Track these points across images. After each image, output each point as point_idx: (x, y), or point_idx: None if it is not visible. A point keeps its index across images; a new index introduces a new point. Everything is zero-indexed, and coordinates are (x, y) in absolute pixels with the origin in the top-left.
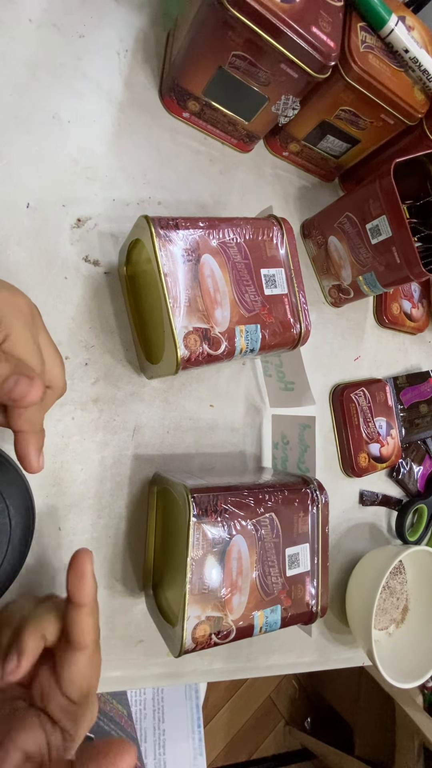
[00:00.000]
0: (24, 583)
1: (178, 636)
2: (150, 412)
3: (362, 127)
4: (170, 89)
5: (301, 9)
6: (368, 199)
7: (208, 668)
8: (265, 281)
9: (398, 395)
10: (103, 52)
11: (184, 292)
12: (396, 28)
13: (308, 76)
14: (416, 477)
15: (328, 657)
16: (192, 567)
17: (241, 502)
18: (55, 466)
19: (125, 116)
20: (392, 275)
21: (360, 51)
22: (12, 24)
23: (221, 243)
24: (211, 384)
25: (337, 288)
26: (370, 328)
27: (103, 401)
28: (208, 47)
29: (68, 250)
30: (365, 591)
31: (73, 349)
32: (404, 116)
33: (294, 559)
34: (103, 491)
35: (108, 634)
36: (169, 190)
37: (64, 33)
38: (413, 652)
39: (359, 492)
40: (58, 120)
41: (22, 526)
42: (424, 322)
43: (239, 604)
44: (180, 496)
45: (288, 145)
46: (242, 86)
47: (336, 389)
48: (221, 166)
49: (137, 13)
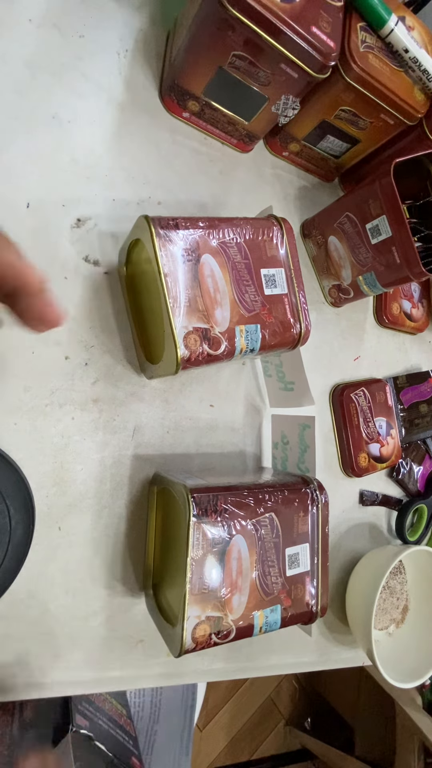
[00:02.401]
0: (24, 583)
1: (178, 636)
2: (150, 412)
3: (362, 127)
4: (170, 89)
5: (301, 9)
6: (368, 199)
7: (208, 668)
8: (265, 281)
9: (398, 395)
10: (103, 52)
11: (184, 292)
12: (396, 28)
13: (308, 76)
14: (416, 477)
15: (328, 657)
16: (192, 567)
17: (241, 502)
18: (55, 466)
19: (125, 116)
20: (392, 275)
21: (360, 51)
22: (12, 24)
23: (221, 243)
24: (211, 384)
25: (337, 288)
26: (370, 328)
27: (103, 401)
28: (208, 47)
29: (68, 250)
30: (365, 591)
31: (73, 349)
32: (404, 116)
33: (294, 559)
34: (103, 491)
35: (108, 634)
36: (169, 190)
37: (64, 33)
38: (413, 652)
39: (359, 492)
40: (58, 120)
41: (22, 526)
42: (424, 322)
43: (239, 604)
44: (180, 496)
45: (288, 145)
46: (242, 86)
47: (336, 389)
48: (221, 166)
49: (137, 13)
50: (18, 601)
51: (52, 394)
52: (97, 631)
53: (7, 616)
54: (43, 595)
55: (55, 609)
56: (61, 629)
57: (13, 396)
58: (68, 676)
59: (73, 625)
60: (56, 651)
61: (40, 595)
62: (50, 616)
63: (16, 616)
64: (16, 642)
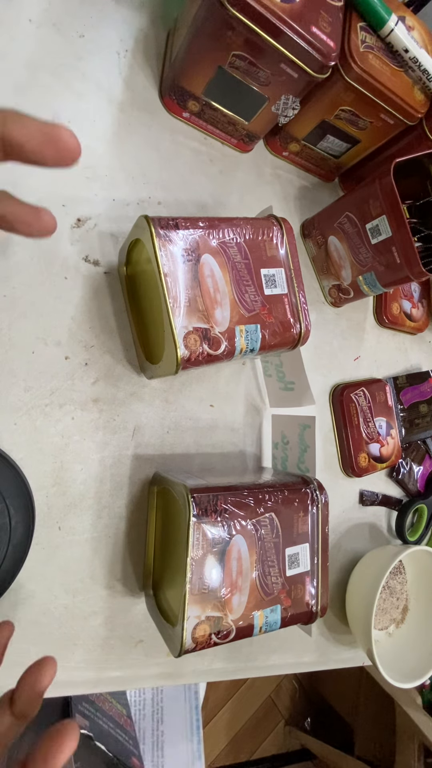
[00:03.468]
0: (24, 583)
1: (178, 636)
2: (150, 412)
3: (362, 127)
4: (170, 89)
5: (301, 9)
6: (368, 199)
7: (208, 668)
8: (265, 281)
9: (398, 395)
10: (103, 52)
11: (184, 292)
12: (396, 28)
13: (308, 76)
14: (416, 477)
15: (328, 657)
16: (192, 567)
17: (241, 502)
18: (55, 466)
19: (125, 116)
20: (392, 275)
21: (360, 51)
22: (12, 24)
23: (221, 243)
24: (211, 384)
25: (337, 288)
26: (370, 328)
27: (103, 401)
28: (208, 47)
29: (68, 250)
30: (365, 591)
31: (73, 349)
32: (404, 116)
33: (294, 559)
34: (103, 491)
35: (108, 634)
36: (169, 190)
37: (64, 33)
38: (413, 652)
39: (359, 492)
40: (58, 120)
41: (22, 526)
42: (424, 322)
43: (239, 603)
44: (180, 496)
45: (288, 145)
46: (242, 86)
47: (336, 389)
48: (221, 166)
49: (137, 13)
50: (18, 601)
51: (52, 394)
52: (97, 631)
53: (7, 616)
54: (43, 595)
55: (55, 609)
56: (61, 629)
57: (13, 396)
58: (68, 676)
59: (73, 625)
60: (56, 651)
61: (40, 595)
62: (50, 616)
63: (16, 616)
64: (16, 642)
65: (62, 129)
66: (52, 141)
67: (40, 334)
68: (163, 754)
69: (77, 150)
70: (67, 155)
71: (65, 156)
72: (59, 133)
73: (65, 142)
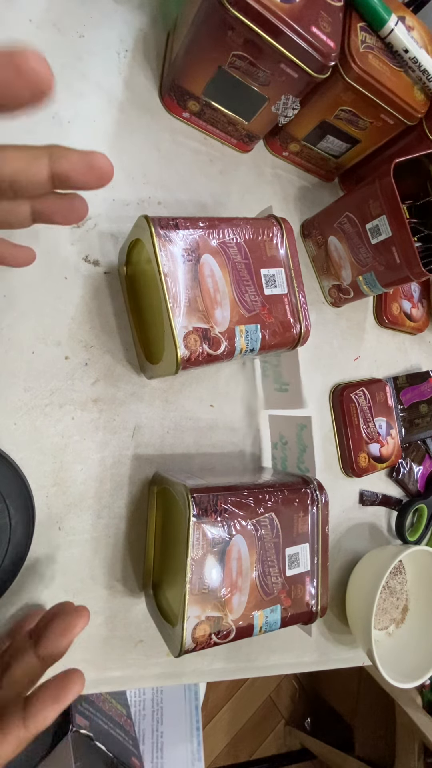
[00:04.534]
0: (24, 583)
1: (178, 636)
2: (150, 412)
3: (362, 127)
4: (170, 89)
5: (301, 9)
6: (368, 199)
7: (208, 668)
8: (265, 281)
9: (398, 395)
10: (103, 52)
11: (184, 292)
12: (396, 28)
13: (308, 76)
14: (416, 477)
15: (328, 657)
16: (192, 567)
17: (241, 502)
18: (55, 466)
19: (125, 116)
20: (392, 275)
21: (360, 51)
22: (12, 24)
23: (221, 243)
24: (211, 384)
25: (337, 288)
26: (370, 328)
27: (103, 401)
28: (208, 47)
29: (68, 250)
30: (365, 591)
31: (73, 349)
32: (404, 116)
33: (294, 559)
34: (103, 491)
35: (108, 634)
36: (169, 190)
37: (64, 33)
38: (413, 652)
39: (359, 492)
40: (58, 120)
41: (22, 526)
42: (424, 322)
43: (239, 603)
44: (180, 496)
45: (288, 145)
46: (242, 86)
47: (336, 389)
48: (221, 166)
49: (137, 13)
50: (18, 601)
51: (52, 394)
52: (97, 631)
53: (8, 616)
54: (42, 596)
55: None
56: None
57: (13, 396)
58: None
59: None
60: None
61: (40, 595)
62: None
63: (16, 616)
64: None
65: (98, 155)
66: (93, 168)
67: (40, 334)
68: (163, 755)
69: (111, 172)
70: (105, 178)
71: (104, 179)
72: (97, 160)
73: (102, 167)
